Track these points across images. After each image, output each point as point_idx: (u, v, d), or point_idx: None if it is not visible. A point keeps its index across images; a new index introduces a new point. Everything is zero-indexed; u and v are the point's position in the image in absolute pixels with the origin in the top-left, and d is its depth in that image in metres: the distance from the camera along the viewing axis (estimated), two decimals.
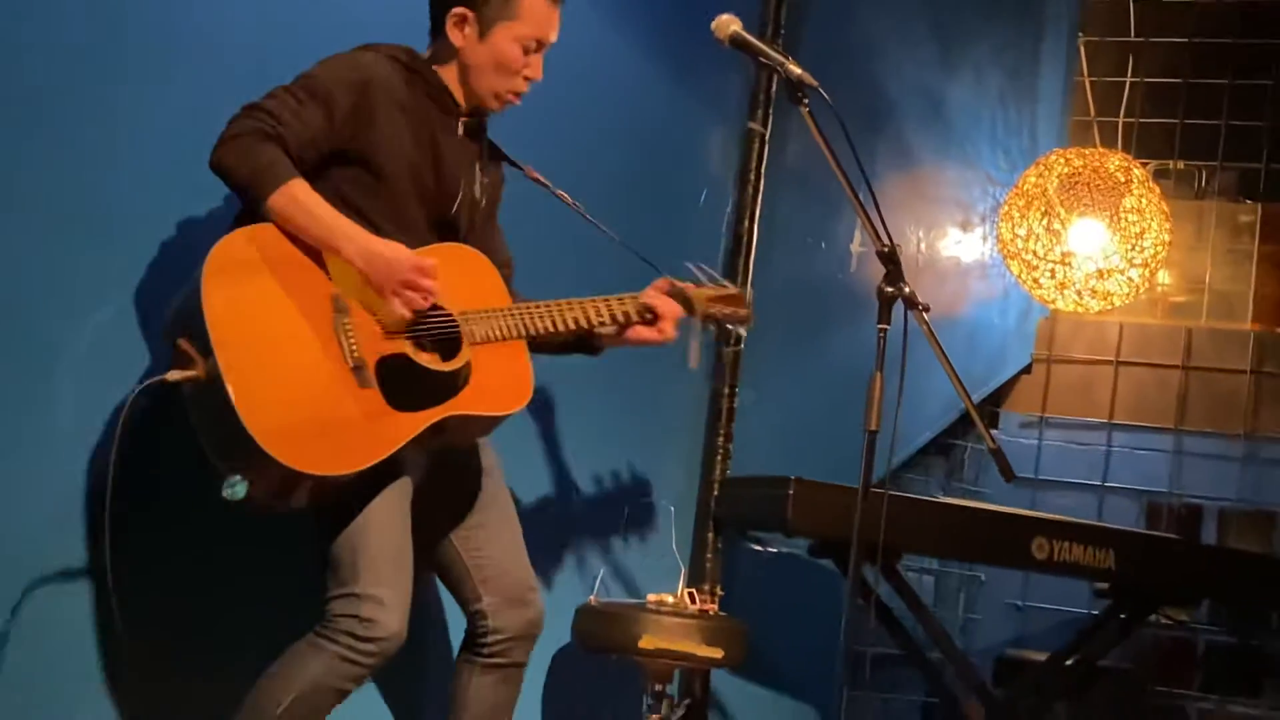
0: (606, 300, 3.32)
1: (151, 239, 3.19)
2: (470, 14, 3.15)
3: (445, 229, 3.20)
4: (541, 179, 3.43)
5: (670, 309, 3.41)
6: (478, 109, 3.28)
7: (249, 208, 2.90)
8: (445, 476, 3.24)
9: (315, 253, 2.93)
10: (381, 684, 3.70)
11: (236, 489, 2.74)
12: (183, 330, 2.79)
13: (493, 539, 3.29)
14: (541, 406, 4.05)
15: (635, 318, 3.37)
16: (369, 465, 2.86)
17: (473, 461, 3.30)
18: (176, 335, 2.79)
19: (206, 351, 2.71)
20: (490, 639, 3.27)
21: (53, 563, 3.04)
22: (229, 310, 2.76)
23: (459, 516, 3.28)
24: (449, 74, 3.21)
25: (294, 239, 2.91)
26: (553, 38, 3.22)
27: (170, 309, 2.95)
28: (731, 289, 3.60)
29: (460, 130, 3.24)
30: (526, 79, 3.22)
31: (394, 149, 3.09)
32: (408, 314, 2.95)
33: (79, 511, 3.06)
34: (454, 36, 3.17)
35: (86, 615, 3.10)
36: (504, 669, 3.30)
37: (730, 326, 3.62)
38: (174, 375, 2.75)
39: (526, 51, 3.19)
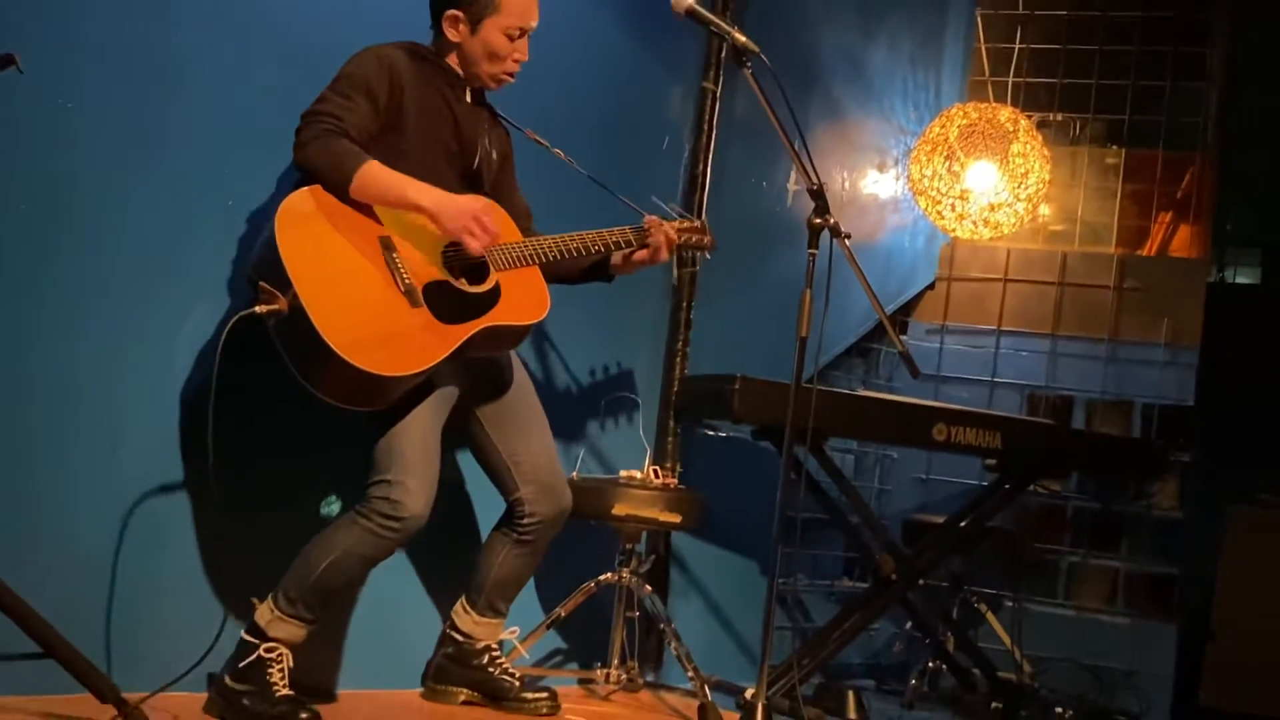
0: (599, 232, 3.39)
1: (232, 196, 3.23)
2: (461, 14, 3.17)
3: (470, 183, 3.25)
4: (538, 138, 3.45)
5: (665, 236, 3.49)
6: (480, 89, 3.29)
7: (336, 191, 2.93)
8: (485, 391, 3.30)
9: (364, 204, 2.97)
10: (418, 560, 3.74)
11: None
12: (263, 273, 2.84)
13: (528, 440, 3.35)
14: (538, 324, 4.05)
15: (623, 244, 3.44)
16: (430, 366, 2.92)
17: (508, 376, 3.35)
18: (258, 278, 2.84)
19: (285, 288, 2.77)
20: (527, 521, 3.33)
21: (168, 459, 3.13)
22: (300, 253, 2.81)
23: (499, 422, 3.33)
24: (451, 60, 3.23)
25: None
26: (534, 23, 3.23)
27: (252, 256, 3.01)
28: (696, 221, 3.69)
29: (469, 98, 3.24)
30: (516, 61, 3.24)
31: (422, 119, 3.13)
32: (477, 248, 3.00)
33: (184, 417, 3.14)
34: (450, 34, 3.19)
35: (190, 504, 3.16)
36: (533, 545, 3.36)
37: (698, 252, 3.75)
38: (261, 309, 2.80)
39: (512, 39, 3.20)
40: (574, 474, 3.99)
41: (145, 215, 3.06)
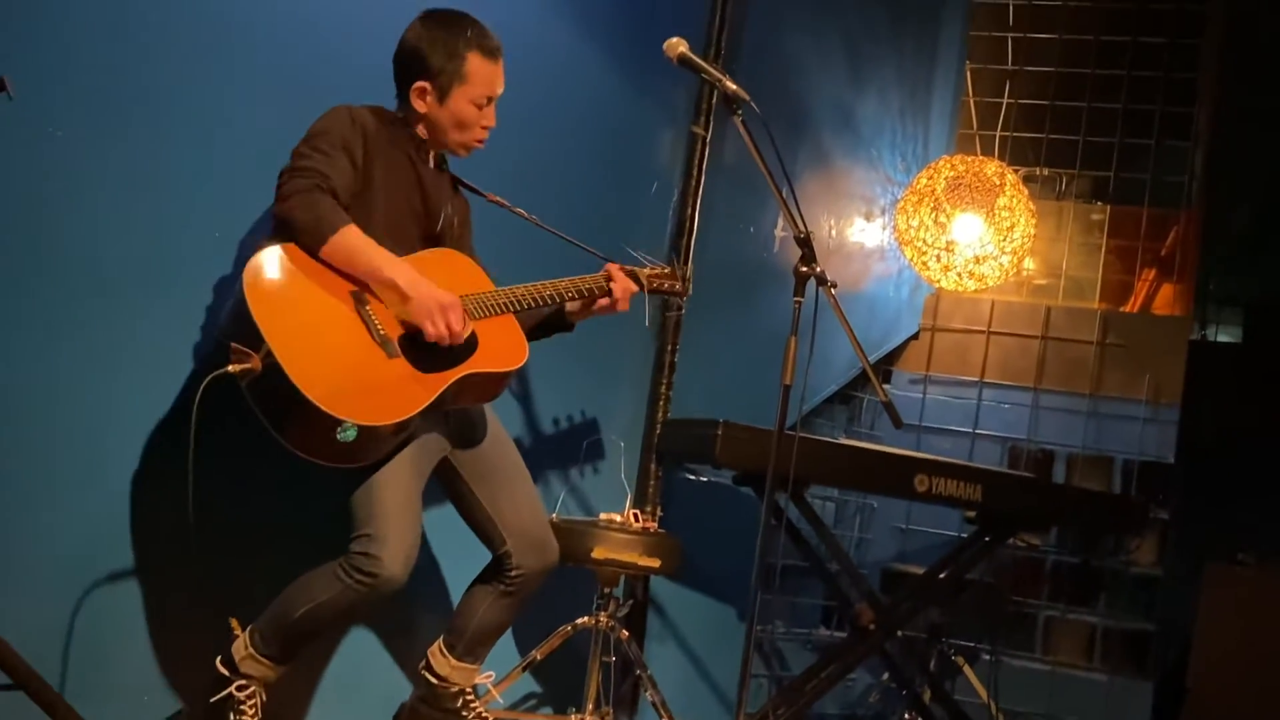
0: (572, 280, 3.39)
1: (219, 228, 3.21)
2: (429, 85, 3.15)
3: (432, 244, 3.23)
4: (499, 199, 3.45)
5: (625, 284, 3.48)
6: (443, 155, 3.31)
7: (308, 249, 2.90)
8: (463, 442, 3.27)
9: None
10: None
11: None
12: (234, 333, 2.79)
13: (511, 492, 3.31)
14: (522, 366, 4.04)
15: (598, 292, 3.44)
16: (408, 416, 2.88)
17: (483, 428, 3.32)
18: (229, 339, 2.80)
19: (257, 345, 2.73)
20: (513, 573, 3.28)
21: (127, 517, 3.08)
22: (270, 309, 2.78)
23: (479, 474, 3.29)
24: (418, 128, 3.22)
25: None
26: (500, 90, 3.22)
27: (221, 317, 2.99)
28: (668, 268, 3.69)
29: (432, 163, 3.26)
30: (484, 128, 3.24)
31: (390, 181, 3.12)
32: (432, 337, 2.96)
33: (163, 460, 3.08)
34: (417, 105, 3.18)
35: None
36: (515, 598, 3.32)
37: (670, 297, 3.74)
38: (234, 368, 2.75)
39: (479, 107, 3.19)
40: (554, 515, 3.96)
41: (128, 247, 3.02)
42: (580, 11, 4.23)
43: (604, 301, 3.48)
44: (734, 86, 3.09)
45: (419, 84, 3.15)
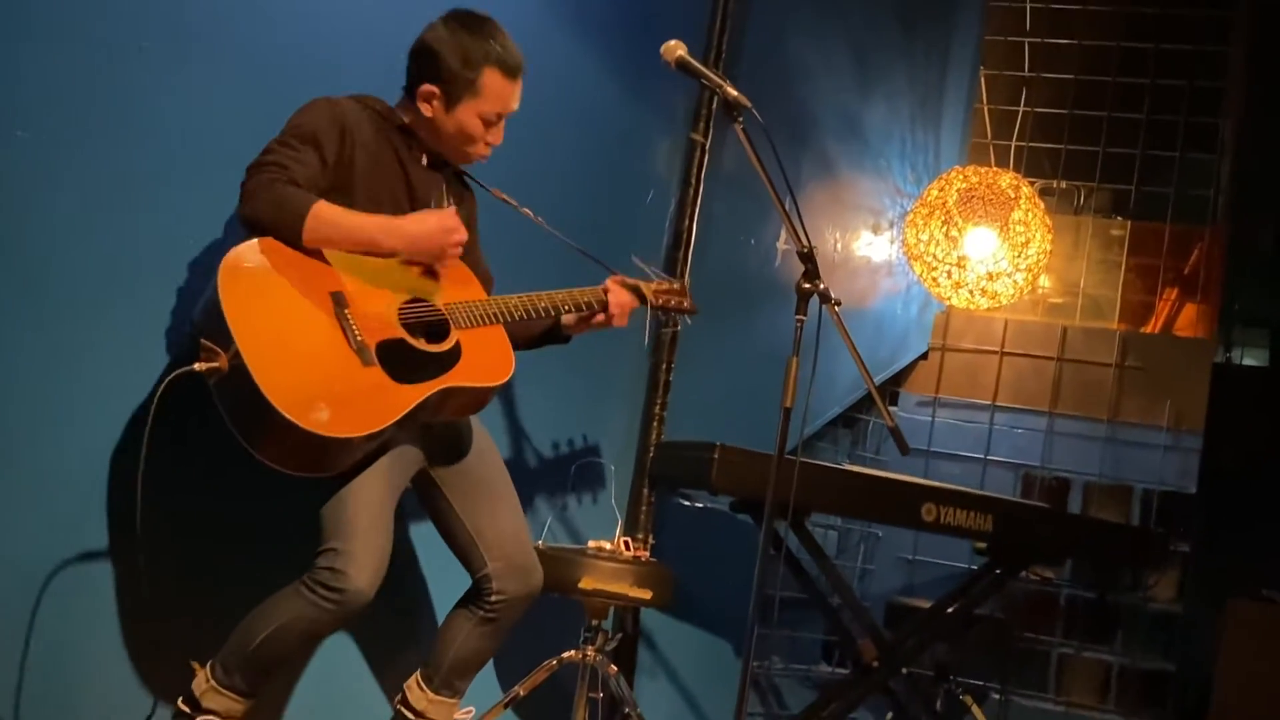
0: (569, 292, 3.34)
1: (191, 236, 3.18)
2: (438, 90, 3.11)
3: None
4: (506, 197, 3.40)
5: (622, 300, 3.45)
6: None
7: (288, 239, 2.87)
8: (447, 455, 3.23)
9: (316, 253, 2.92)
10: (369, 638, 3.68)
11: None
12: (205, 330, 2.78)
13: (494, 512, 3.26)
14: (509, 380, 4.02)
15: (596, 306, 3.40)
16: (379, 428, 2.84)
17: (470, 440, 3.27)
18: (199, 335, 2.79)
19: (226, 345, 2.71)
20: (494, 598, 3.23)
21: (90, 521, 3.05)
22: (243, 308, 2.75)
23: (462, 491, 3.24)
24: (418, 124, 3.18)
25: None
26: (514, 108, 3.18)
27: (194, 312, 2.95)
28: (676, 283, 3.65)
29: (425, 161, 3.21)
30: (489, 144, 3.21)
31: (373, 177, 3.08)
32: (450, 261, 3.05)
33: (115, 472, 3.05)
34: (422, 107, 3.14)
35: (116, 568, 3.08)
36: (499, 623, 3.26)
37: (677, 315, 3.69)
38: (200, 366, 2.74)
39: (488, 124, 3.16)
40: (540, 542, 3.93)
41: (92, 247, 2.99)
42: (576, 11, 4.20)
43: (600, 317, 3.44)
44: (734, 92, 3.06)
45: (427, 87, 3.11)
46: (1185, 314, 6.00)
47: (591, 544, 3.99)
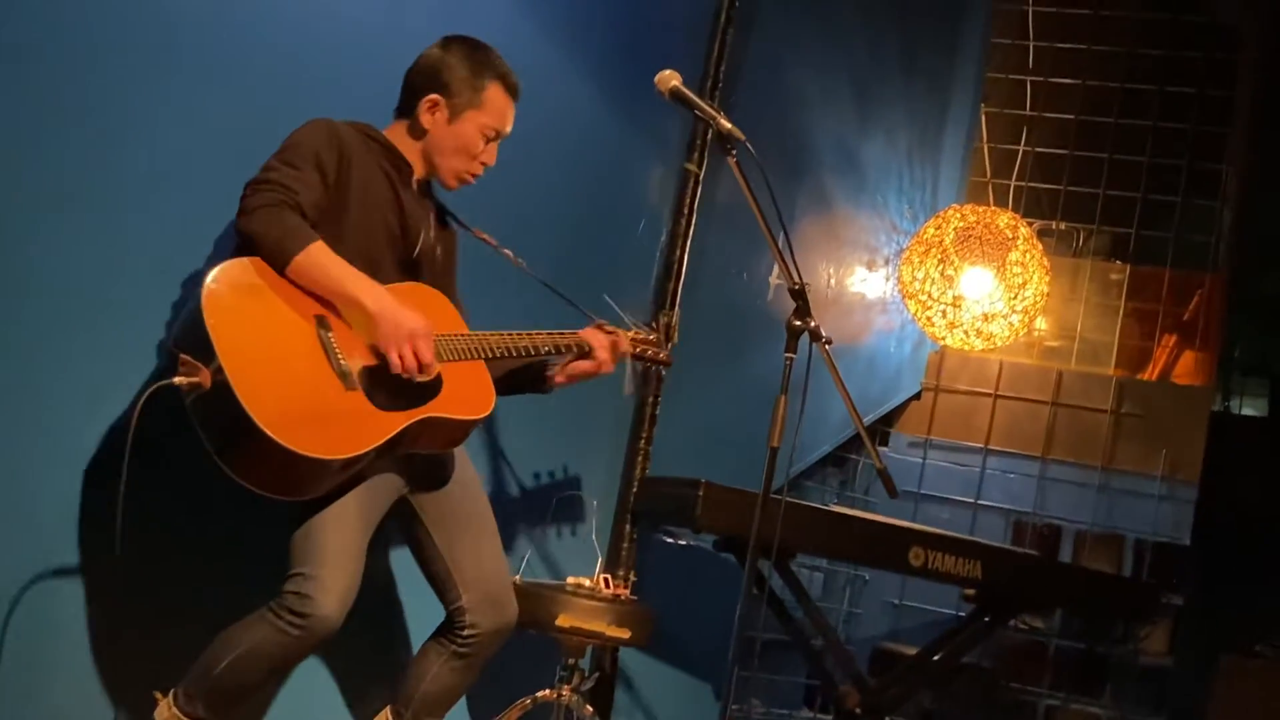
0: (550, 334, 3.37)
1: (172, 249, 3.16)
2: (443, 100, 3.19)
3: (409, 272, 3.22)
4: (487, 237, 3.44)
5: (608, 347, 3.49)
6: (428, 180, 3.31)
7: (275, 267, 2.90)
8: (428, 483, 3.25)
9: None
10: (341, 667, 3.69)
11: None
12: (185, 344, 2.78)
13: (474, 543, 3.28)
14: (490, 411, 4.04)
15: (575, 351, 3.44)
16: (359, 453, 2.87)
17: (453, 469, 3.30)
18: (179, 349, 2.79)
19: (208, 360, 2.73)
20: (467, 632, 3.24)
21: (68, 534, 3.04)
22: (227, 325, 2.77)
23: (442, 520, 3.26)
24: (408, 147, 3.23)
25: None
26: (508, 129, 3.27)
27: (175, 325, 2.97)
28: (653, 334, 3.70)
29: (415, 187, 3.26)
30: (483, 163, 3.27)
31: (366, 200, 3.11)
32: (397, 368, 2.95)
33: (92, 490, 3.04)
34: (425, 120, 3.20)
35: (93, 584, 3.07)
36: (471, 659, 3.27)
37: (652, 366, 3.73)
38: (180, 380, 2.75)
39: (486, 140, 3.24)
40: (517, 577, 3.91)
41: (73, 262, 2.98)
42: (572, 35, 4.24)
43: (587, 365, 3.48)
44: (728, 125, 3.08)
45: (432, 97, 3.19)
46: (1184, 361, 6.04)
47: (570, 580, 3.97)
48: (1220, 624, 5.25)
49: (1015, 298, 5.66)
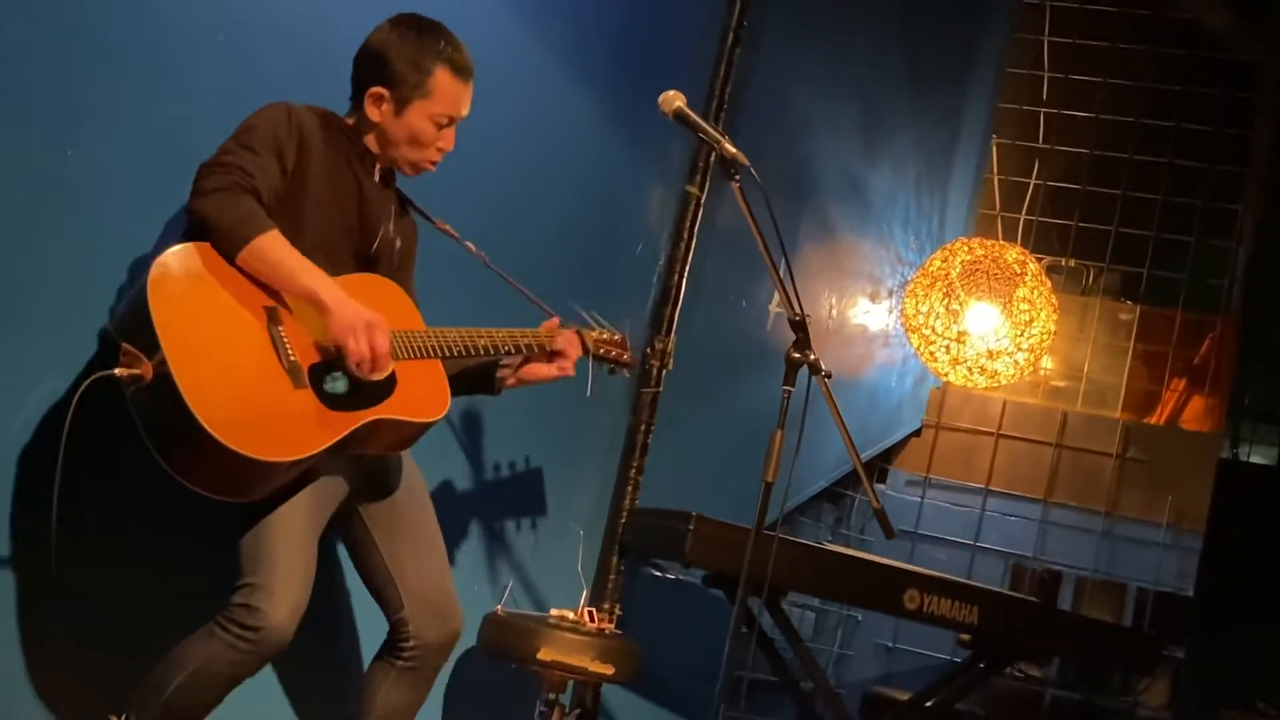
0: (511, 332, 3.33)
1: (104, 237, 3.10)
2: (387, 93, 3.13)
3: (366, 264, 3.19)
4: (449, 229, 3.40)
5: (573, 347, 3.44)
6: (390, 170, 3.28)
7: (224, 253, 2.85)
8: (375, 489, 3.22)
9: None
10: (291, 682, 3.66)
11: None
12: (128, 333, 2.74)
13: (417, 553, 3.24)
14: (471, 428, 4.03)
15: (538, 350, 3.39)
16: (306, 455, 2.83)
17: (399, 480, 3.26)
18: (121, 338, 2.75)
19: (151, 351, 2.68)
20: (410, 645, 3.21)
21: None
22: (173, 315, 2.73)
23: (387, 527, 3.23)
24: (367, 137, 3.19)
25: None
26: (464, 113, 3.20)
27: (117, 312, 2.92)
28: (617, 335, 3.64)
29: (377, 177, 3.23)
30: (440, 150, 3.22)
31: (324, 190, 3.08)
32: (354, 363, 2.92)
33: (24, 489, 2.97)
34: (371, 113, 3.15)
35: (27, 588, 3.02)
36: (417, 674, 3.23)
37: (615, 368, 3.67)
38: (121, 372, 2.70)
39: (439, 127, 3.18)
40: (499, 608, 3.92)
41: (30, 255, 2.94)
42: (574, 51, 4.25)
43: (545, 369, 3.43)
44: (732, 149, 3.09)
45: (376, 89, 3.12)
46: (1192, 406, 6.06)
47: (554, 612, 3.97)
48: (1222, 679, 5.26)
49: (1021, 335, 5.67)
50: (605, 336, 3.59)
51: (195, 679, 2.86)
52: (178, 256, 2.80)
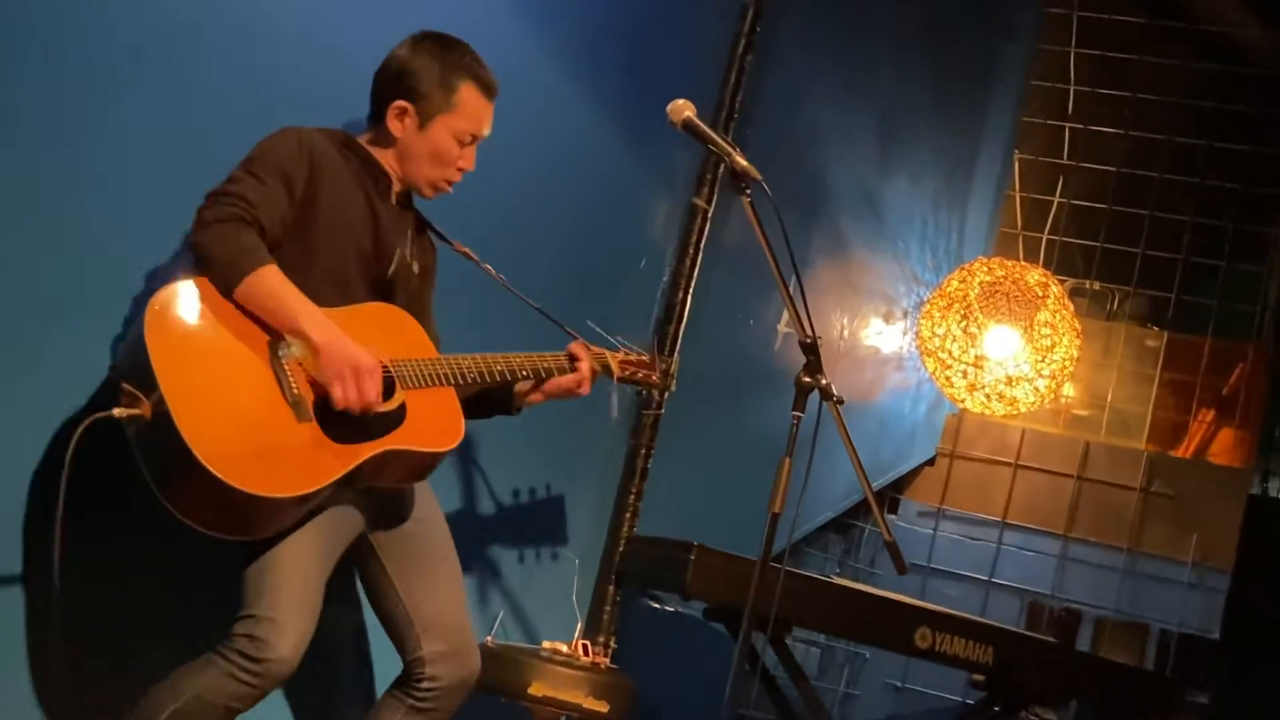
0: (529, 356, 3.34)
1: (135, 259, 3.13)
2: (411, 107, 3.17)
3: (382, 288, 3.21)
4: (468, 252, 3.43)
5: (591, 367, 3.45)
6: (408, 191, 3.30)
7: (222, 289, 2.88)
8: (389, 520, 3.22)
9: None
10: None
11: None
12: (127, 372, 2.77)
13: (435, 586, 3.24)
14: (464, 449, 4.00)
15: (557, 374, 3.40)
16: (312, 490, 2.83)
17: (417, 512, 3.26)
18: (121, 378, 2.78)
19: (150, 390, 2.70)
20: (426, 685, 3.19)
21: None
22: (170, 352, 2.75)
23: (402, 560, 3.23)
24: (385, 156, 3.23)
25: None
26: (486, 131, 3.25)
27: (118, 352, 2.95)
28: (646, 355, 3.65)
29: (394, 200, 3.25)
30: (460, 169, 3.25)
31: (337, 215, 3.10)
32: (339, 403, 2.91)
33: (30, 524, 2.99)
34: (394, 127, 3.19)
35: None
36: (431, 714, 3.22)
37: (644, 390, 3.70)
38: (120, 412, 2.72)
39: (461, 144, 3.22)
40: (488, 639, 3.91)
41: (18, 272, 2.96)
42: (581, 58, 4.24)
43: (565, 382, 3.42)
44: (743, 162, 3.08)
45: (400, 103, 3.16)
46: (1221, 438, 6.02)
47: (546, 645, 3.96)
48: None
49: (1042, 361, 5.64)
50: (631, 358, 3.61)
51: (191, 708, 2.86)
52: (176, 292, 2.84)
